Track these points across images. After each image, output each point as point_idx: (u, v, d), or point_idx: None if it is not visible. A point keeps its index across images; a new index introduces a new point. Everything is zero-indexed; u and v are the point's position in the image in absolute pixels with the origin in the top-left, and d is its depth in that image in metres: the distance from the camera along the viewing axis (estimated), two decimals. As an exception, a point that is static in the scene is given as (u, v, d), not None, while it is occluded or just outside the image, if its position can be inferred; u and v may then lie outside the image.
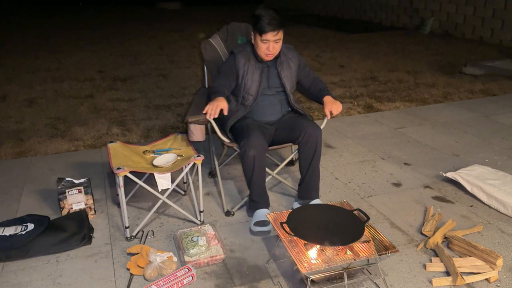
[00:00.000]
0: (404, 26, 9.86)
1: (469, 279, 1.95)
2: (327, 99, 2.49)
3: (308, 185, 2.50)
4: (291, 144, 2.56)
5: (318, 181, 2.52)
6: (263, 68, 2.49)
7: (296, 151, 2.61)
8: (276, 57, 2.48)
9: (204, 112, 2.26)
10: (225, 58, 2.80)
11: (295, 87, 2.65)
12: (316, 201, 2.48)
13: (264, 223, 2.32)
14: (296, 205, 2.55)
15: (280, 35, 2.35)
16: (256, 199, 2.42)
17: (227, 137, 2.48)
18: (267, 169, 2.55)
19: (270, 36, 2.31)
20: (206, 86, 2.85)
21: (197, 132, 2.45)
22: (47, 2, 16.00)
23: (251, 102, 2.50)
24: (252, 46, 2.47)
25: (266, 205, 2.44)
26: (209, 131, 2.78)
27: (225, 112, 2.30)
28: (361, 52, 7.34)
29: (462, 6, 8.40)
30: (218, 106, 2.25)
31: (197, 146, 2.53)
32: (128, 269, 2.04)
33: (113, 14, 13.35)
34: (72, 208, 2.44)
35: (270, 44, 2.34)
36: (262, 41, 2.34)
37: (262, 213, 2.38)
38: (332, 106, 2.45)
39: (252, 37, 2.41)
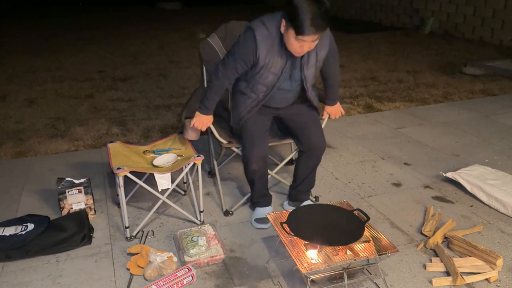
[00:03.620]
0: (404, 26, 9.85)
1: (469, 279, 1.95)
2: (331, 109, 2.48)
3: (301, 191, 2.52)
4: (291, 141, 2.54)
5: (311, 188, 2.55)
6: (286, 60, 2.09)
7: (296, 151, 2.61)
8: None
9: (191, 125, 2.27)
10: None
11: (316, 79, 2.32)
12: (306, 202, 2.51)
13: (264, 220, 2.36)
14: (287, 206, 2.56)
15: (320, 36, 1.94)
16: (257, 200, 2.47)
17: (225, 138, 2.46)
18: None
19: (308, 38, 1.90)
20: (205, 86, 2.84)
21: (192, 131, 2.44)
22: (47, 2, 16.00)
23: (263, 94, 2.21)
24: (280, 32, 2.01)
25: (267, 203, 2.48)
26: (208, 131, 2.78)
27: (203, 130, 2.31)
28: (361, 52, 7.33)
29: (462, 6, 8.40)
30: (204, 125, 2.27)
31: (196, 146, 2.52)
32: (128, 269, 2.04)
33: (113, 14, 13.35)
34: (72, 208, 2.44)
35: (305, 45, 1.94)
36: (297, 40, 1.91)
37: (262, 211, 2.43)
38: (332, 111, 2.46)
39: (283, 27, 1.96)
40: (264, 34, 2.02)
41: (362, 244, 1.85)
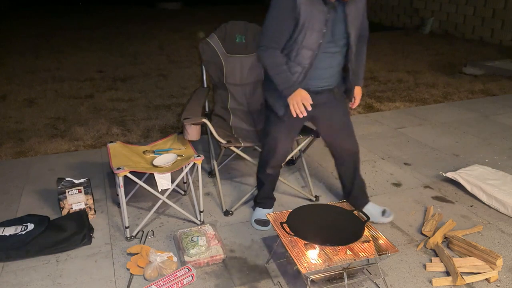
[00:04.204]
0: (404, 26, 9.85)
1: (469, 279, 1.95)
2: (356, 90, 2.25)
3: (356, 196, 2.44)
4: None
5: (364, 189, 2.47)
6: (328, 13, 1.91)
7: (297, 150, 2.62)
8: None
9: (294, 116, 2.02)
10: (224, 57, 2.79)
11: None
12: (369, 205, 2.44)
13: (265, 223, 2.37)
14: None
15: None
16: (261, 201, 2.48)
17: (224, 138, 2.46)
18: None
19: None
20: (205, 86, 2.84)
21: (192, 132, 2.44)
22: (47, 2, 15.99)
23: (309, 59, 1.98)
24: None
25: (269, 206, 2.49)
26: (208, 131, 2.78)
27: (309, 107, 1.98)
28: (361, 52, 7.32)
29: (462, 6, 8.39)
30: (305, 100, 1.97)
31: (196, 146, 2.52)
32: (128, 269, 2.04)
33: (113, 14, 13.34)
34: (72, 208, 2.44)
35: None
36: None
37: (263, 212, 2.43)
38: (359, 94, 2.25)
39: None
40: None
41: (362, 244, 1.85)
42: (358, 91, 2.30)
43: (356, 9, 1.99)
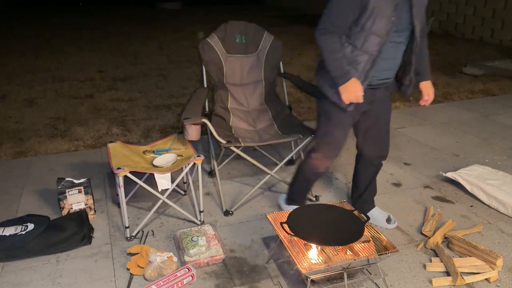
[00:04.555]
0: (404, 26, 9.85)
1: (469, 279, 1.95)
2: (427, 84, 2.12)
3: (365, 200, 2.45)
4: (292, 139, 2.48)
5: (375, 194, 2.48)
6: (397, 1, 1.83)
7: (297, 151, 2.62)
8: None
9: (347, 103, 1.94)
10: (224, 57, 2.79)
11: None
12: (374, 210, 2.44)
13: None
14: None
15: None
16: (299, 199, 2.44)
17: (224, 138, 2.46)
18: (266, 169, 2.56)
19: None
20: (205, 86, 2.84)
21: (192, 132, 2.44)
22: (47, 2, 15.99)
23: (377, 46, 1.88)
24: None
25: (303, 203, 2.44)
26: (208, 131, 2.78)
27: (361, 100, 1.91)
28: (361, 52, 7.32)
29: (462, 6, 8.39)
30: (358, 91, 1.90)
31: (196, 146, 2.52)
32: (128, 269, 2.04)
33: (113, 14, 13.35)
34: (72, 208, 2.44)
35: None
36: None
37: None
38: (430, 91, 2.09)
39: None
40: None
41: (362, 244, 1.85)
42: (429, 85, 2.13)
43: (421, 0, 1.94)
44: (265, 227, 2.39)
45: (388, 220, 2.39)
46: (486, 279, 1.97)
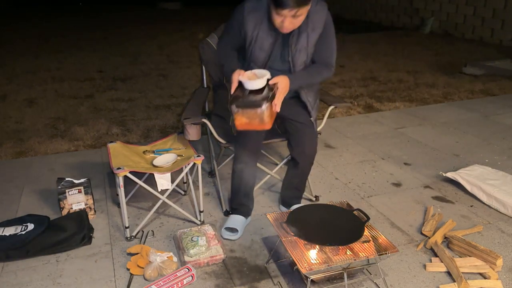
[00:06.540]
0: (404, 26, 9.85)
1: (474, 284, 1.92)
2: (280, 78, 1.98)
3: (293, 196, 2.49)
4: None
5: (303, 192, 2.51)
6: (276, 37, 1.99)
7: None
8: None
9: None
10: None
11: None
12: (298, 205, 2.45)
13: (232, 230, 2.29)
14: (283, 209, 2.53)
15: (302, 11, 1.83)
16: (235, 207, 2.40)
17: (224, 138, 2.46)
18: (265, 169, 2.56)
19: (286, 12, 1.81)
20: (205, 86, 2.84)
21: (193, 132, 2.44)
22: (47, 2, 16.00)
23: None
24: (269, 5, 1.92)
25: (244, 213, 2.38)
26: (208, 131, 2.78)
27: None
28: (361, 52, 7.33)
29: (462, 6, 8.40)
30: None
31: (196, 146, 2.52)
32: (128, 269, 2.04)
33: (113, 14, 13.35)
34: (72, 208, 2.44)
35: (286, 20, 1.85)
36: (277, 13, 1.84)
37: (235, 220, 2.34)
38: (282, 84, 1.95)
39: None
40: (254, 7, 2.00)
41: (362, 244, 1.85)
42: (280, 78, 1.97)
43: (305, 41, 2.01)
44: (265, 227, 2.39)
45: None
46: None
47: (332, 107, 2.53)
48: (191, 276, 1.95)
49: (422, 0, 9.27)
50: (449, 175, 2.82)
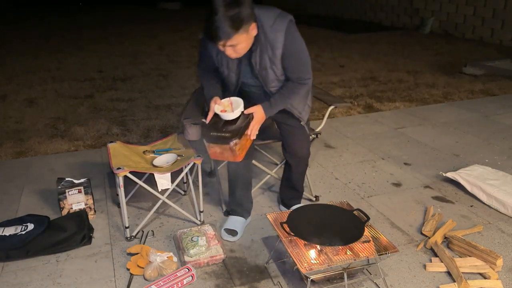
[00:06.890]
0: (404, 26, 9.85)
1: (474, 284, 1.92)
2: (256, 108, 2.02)
3: (292, 197, 2.49)
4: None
5: (302, 192, 2.51)
6: (240, 58, 1.99)
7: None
8: (252, 45, 1.94)
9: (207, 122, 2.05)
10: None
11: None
12: (298, 205, 2.46)
13: (232, 232, 2.29)
14: (283, 209, 2.53)
15: (235, 40, 1.81)
16: (234, 208, 2.40)
17: None
18: (265, 169, 2.56)
19: (220, 44, 1.84)
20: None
21: (193, 132, 2.44)
22: (47, 2, 16.00)
23: (233, 89, 2.17)
24: None
25: (243, 214, 2.39)
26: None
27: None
28: (361, 52, 7.34)
29: (462, 6, 8.40)
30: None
31: (196, 146, 2.52)
32: (128, 269, 2.04)
33: (113, 14, 13.35)
34: (72, 208, 2.44)
35: (226, 50, 1.87)
36: (217, 45, 1.88)
37: (234, 221, 2.35)
38: (256, 116, 2.00)
39: None
40: None
41: (362, 244, 1.85)
42: (255, 109, 2.02)
43: (266, 58, 1.98)
44: (265, 227, 2.39)
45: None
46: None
47: (332, 107, 2.54)
48: (191, 276, 1.95)
49: (422, 0, 9.27)
50: (449, 175, 2.82)
